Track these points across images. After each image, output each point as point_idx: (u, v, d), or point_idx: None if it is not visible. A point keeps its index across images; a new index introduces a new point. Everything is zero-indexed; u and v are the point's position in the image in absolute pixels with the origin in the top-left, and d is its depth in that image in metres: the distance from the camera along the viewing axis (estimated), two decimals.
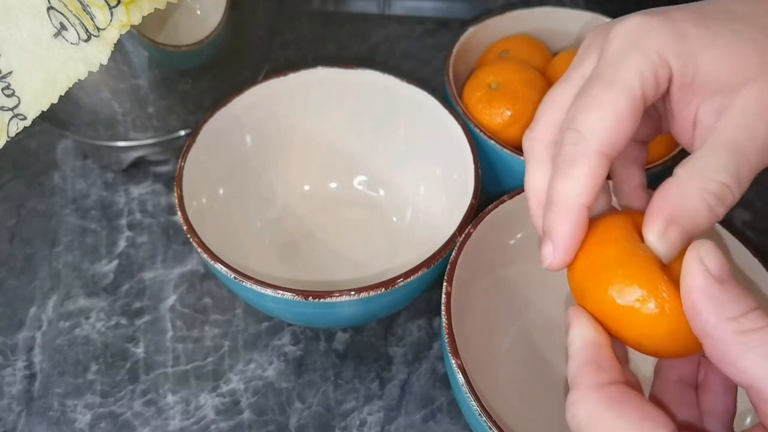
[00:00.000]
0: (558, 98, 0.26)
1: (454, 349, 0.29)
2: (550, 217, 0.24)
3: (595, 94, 0.23)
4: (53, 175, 0.47)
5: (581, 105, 0.24)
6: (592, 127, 0.23)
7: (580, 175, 0.23)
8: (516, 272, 0.37)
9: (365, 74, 0.41)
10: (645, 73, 0.23)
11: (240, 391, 0.36)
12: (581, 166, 0.23)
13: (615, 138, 0.23)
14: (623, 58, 0.23)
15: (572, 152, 0.23)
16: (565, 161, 0.24)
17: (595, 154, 0.23)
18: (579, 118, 0.23)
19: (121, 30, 0.31)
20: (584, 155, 0.23)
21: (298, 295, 0.30)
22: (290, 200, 0.43)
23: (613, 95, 0.23)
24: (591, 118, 0.23)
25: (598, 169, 0.23)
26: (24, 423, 0.35)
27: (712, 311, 0.20)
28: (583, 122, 0.23)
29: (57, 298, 0.40)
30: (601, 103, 0.23)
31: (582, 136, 0.23)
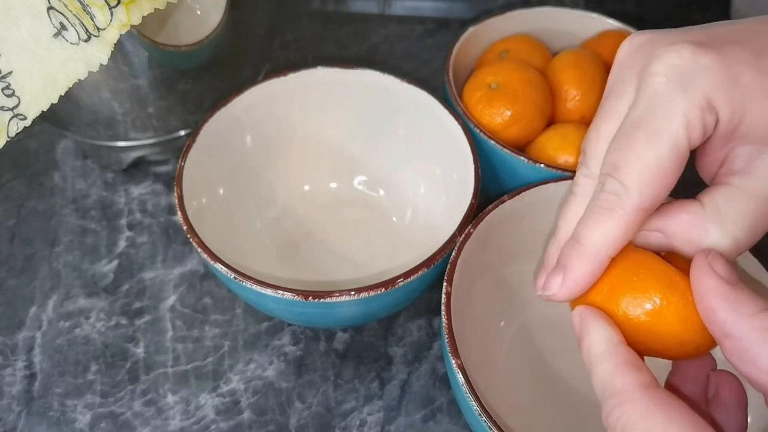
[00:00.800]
0: (607, 132, 0.25)
1: (454, 349, 0.29)
2: (571, 255, 0.24)
3: (639, 144, 0.22)
4: (53, 175, 0.47)
5: (625, 154, 0.23)
6: (635, 181, 0.22)
7: (613, 228, 0.23)
8: (516, 272, 0.37)
9: (365, 74, 0.41)
10: (692, 123, 0.22)
11: (240, 391, 0.36)
12: (617, 219, 0.23)
13: (657, 193, 0.22)
14: (669, 103, 0.22)
15: (612, 203, 0.23)
16: (602, 209, 0.23)
17: (633, 210, 0.23)
18: (623, 168, 0.23)
19: (121, 30, 0.31)
20: (622, 209, 0.23)
21: (298, 295, 0.30)
22: (290, 200, 0.43)
23: (658, 148, 0.22)
24: (635, 171, 0.22)
25: (633, 226, 0.23)
26: (24, 423, 0.35)
27: (729, 310, 0.20)
28: (627, 175, 0.22)
29: (57, 298, 0.40)
30: (645, 156, 0.22)
31: (625, 189, 0.22)
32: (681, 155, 0.22)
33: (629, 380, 0.21)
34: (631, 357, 0.22)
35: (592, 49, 0.45)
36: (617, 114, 0.25)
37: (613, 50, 0.44)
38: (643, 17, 0.57)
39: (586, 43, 0.47)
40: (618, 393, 0.21)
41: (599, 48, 0.45)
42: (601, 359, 0.22)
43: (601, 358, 0.22)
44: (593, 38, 0.47)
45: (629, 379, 0.21)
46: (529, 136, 0.41)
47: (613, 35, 0.46)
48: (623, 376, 0.21)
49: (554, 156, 0.39)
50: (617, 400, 0.21)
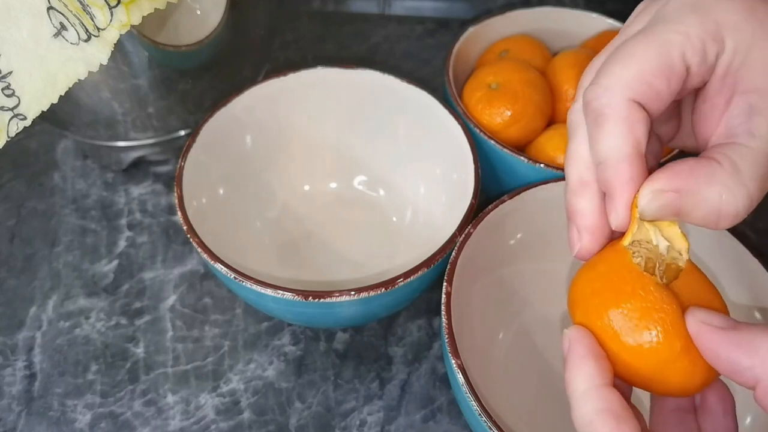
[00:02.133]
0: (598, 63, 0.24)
1: (454, 349, 0.29)
2: (605, 174, 0.22)
3: (626, 48, 0.21)
4: (53, 175, 0.47)
5: (610, 60, 0.22)
6: (615, 78, 0.21)
7: (612, 128, 0.21)
8: (516, 272, 0.37)
9: (365, 74, 0.41)
10: (693, 39, 0.20)
11: (240, 391, 0.36)
12: (610, 119, 0.21)
13: (641, 90, 0.21)
14: (675, 16, 0.21)
15: (597, 107, 0.22)
16: (595, 120, 0.22)
17: (621, 102, 0.21)
18: (602, 72, 0.22)
19: (121, 30, 0.31)
20: (610, 107, 0.21)
21: (298, 295, 0.30)
22: (290, 200, 0.43)
23: (644, 48, 0.21)
24: (616, 70, 0.21)
25: (630, 117, 0.21)
26: (24, 423, 0.35)
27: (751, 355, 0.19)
28: (607, 75, 0.21)
29: (57, 298, 0.40)
30: (630, 56, 0.21)
31: (604, 87, 0.21)
32: (671, 65, 0.21)
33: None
34: (613, 404, 0.20)
35: (592, 49, 0.45)
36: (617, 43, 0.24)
37: None
38: None
39: (586, 43, 0.47)
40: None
41: (599, 48, 0.44)
42: (581, 399, 0.21)
43: (581, 398, 0.21)
44: (593, 38, 0.47)
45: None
46: (529, 136, 0.41)
47: (612, 35, 0.45)
48: (603, 427, 0.20)
49: (554, 156, 0.39)
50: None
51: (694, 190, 0.21)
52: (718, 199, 0.21)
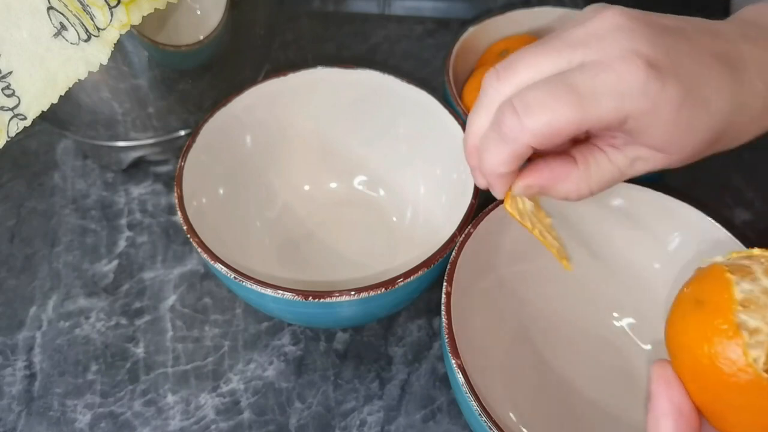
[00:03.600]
0: (535, 65, 0.26)
1: (454, 349, 0.29)
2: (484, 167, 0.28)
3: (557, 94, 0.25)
4: (53, 175, 0.47)
5: (541, 96, 0.25)
6: (536, 126, 0.25)
7: (505, 155, 0.27)
8: (516, 272, 0.37)
9: (365, 74, 0.41)
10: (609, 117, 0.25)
11: (240, 391, 0.36)
12: (510, 149, 0.26)
13: (547, 142, 0.26)
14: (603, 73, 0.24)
15: (509, 135, 0.26)
16: (500, 137, 0.26)
17: (522, 146, 0.26)
18: (532, 108, 0.25)
19: (121, 30, 0.31)
20: (515, 143, 0.26)
21: (298, 295, 0.30)
22: (290, 200, 0.43)
23: (571, 113, 0.24)
24: (540, 119, 0.25)
25: (522, 156, 0.27)
26: (24, 423, 0.35)
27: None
28: (532, 115, 0.25)
29: (57, 298, 0.40)
30: (554, 110, 0.25)
31: (523, 128, 0.25)
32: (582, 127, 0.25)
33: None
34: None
35: None
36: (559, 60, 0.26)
37: None
38: None
39: None
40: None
41: None
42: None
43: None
44: None
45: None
46: None
47: None
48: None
49: None
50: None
51: (552, 186, 0.29)
52: (567, 192, 0.29)
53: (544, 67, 0.26)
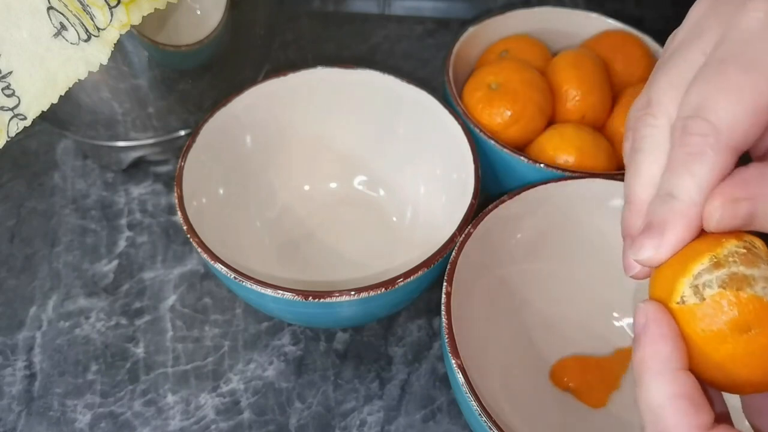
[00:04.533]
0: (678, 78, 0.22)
1: (454, 349, 0.29)
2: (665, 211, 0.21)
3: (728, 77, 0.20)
4: (53, 175, 0.47)
5: (712, 89, 0.20)
6: (725, 117, 0.20)
7: (706, 172, 0.20)
8: (516, 272, 0.37)
9: (365, 74, 0.41)
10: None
11: (240, 391, 0.36)
12: (709, 161, 0.20)
13: (750, 131, 0.20)
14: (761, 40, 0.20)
15: (700, 145, 0.20)
16: (690, 154, 0.20)
17: (725, 149, 0.20)
18: (709, 105, 0.20)
19: (121, 30, 0.31)
20: (713, 149, 0.20)
21: (298, 295, 0.30)
22: (290, 200, 0.43)
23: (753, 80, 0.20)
24: (724, 105, 0.20)
25: (727, 166, 0.20)
26: (24, 423, 0.35)
27: None
28: (714, 110, 0.20)
29: (57, 298, 0.40)
30: (737, 88, 0.20)
31: (713, 127, 0.20)
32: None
33: (685, 420, 0.19)
34: (690, 389, 0.19)
35: (592, 49, 0.45)
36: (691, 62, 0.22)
37: (613, 50, 0.45)
38: (643, 17, 0.57)
39: (586, 43, 0.47)
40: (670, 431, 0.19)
41: (599, 48, 0.45)
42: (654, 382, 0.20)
43: (654, 381, 0.20)
44: (593, 38, 0.47)
45: (686, 420, 0.19)
46: (529, 136, 0.41)
47: (613, 35, 0.46)
48: (677, 414, 0.19)
49: (554, 156, 0.39)
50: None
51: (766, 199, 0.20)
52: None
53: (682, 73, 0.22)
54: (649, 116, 0.23)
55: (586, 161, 0.38)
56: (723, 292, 0.20)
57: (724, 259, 0.20)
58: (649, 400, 0.20)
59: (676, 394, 0.19)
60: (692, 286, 0.21)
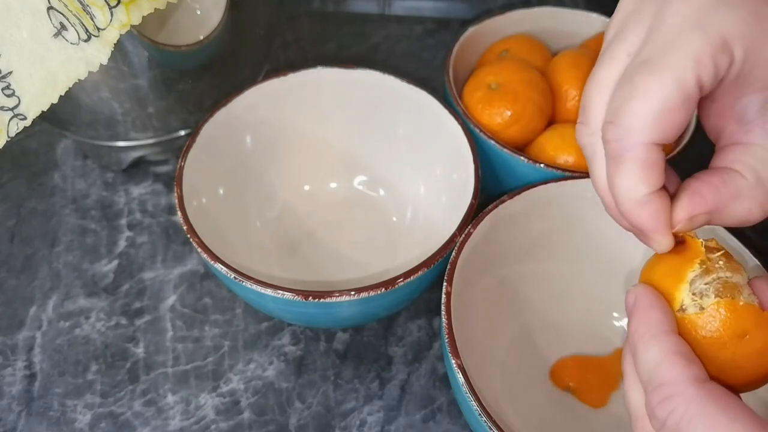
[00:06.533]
0: (603, 83, 0.23)
1: (454, 349, 0.29)
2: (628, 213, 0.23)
3: (639, 81, 0.21)
4: (53, 175, 0.47)
5: (624, 94, 0.22)
6: (635, 120, 0.21)
7: (629, 171, 0.22)
8: (516, 272, 0.37)
9: (365, 74, 0.41)
10: (704, 60, 0.20)
11: (240, 391, 0.36)
12: (628, 162, 0.22)
13: (662, 128, 0.21)
14: (679, 38, 0.21)
15: (617, 149, 0.22)
16: (613, 158, 0.22)
17: (639, 146, 0.21)
18: (622, 109, 0.22)
19: (121, 30, 0.31)
20: (629, 150, 0.22)
21: (298, 295, 0.30)
22: (290, 200, 0.43)
23: (661, 83, 0.21)
24: (634, 108, 0.21)
25: (648, 159, 0.22)
26: (24, 423, 0.35)
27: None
28: (625, 113, 0.21)
29: (57, 298, 0.40)
30: (645, 91, 0.21)
31: (624, 129, 0.21)
32: (688, 94, 0.21)
33: (680, 372, 0.20)
34: (681, 347, 0.21)
35: (592, 49, 0.45)
36: (617, 63, 0.23)
37: None
38: None
39: (586, 43, 0.47)
40: (668, 384, 0.20)
41: (599, 48, 0.44)
42: (647, 345, 0.21)
43: (648, 344, 0.21)
44: (593, 38, 0.47)
45: (680, 371, 0.20)
46: (529, 136, 0.41)
47: None
48: (673, 367, 0.20)
49: (554, 156, 0.39)
50: (667, 391, 0.20)
51: (722, 209, 0.22)
52: (746, 211, 0.22)
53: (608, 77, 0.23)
54: (582, 125, 0.25)
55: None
56: (720, 301, 0.22)
57: (711, 265, 0.22)
58: (646, 362, 0.21)
59: (669, 350, 0.21)
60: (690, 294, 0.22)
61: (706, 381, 0.20)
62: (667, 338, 0.21)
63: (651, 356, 0.21)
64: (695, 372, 0.20)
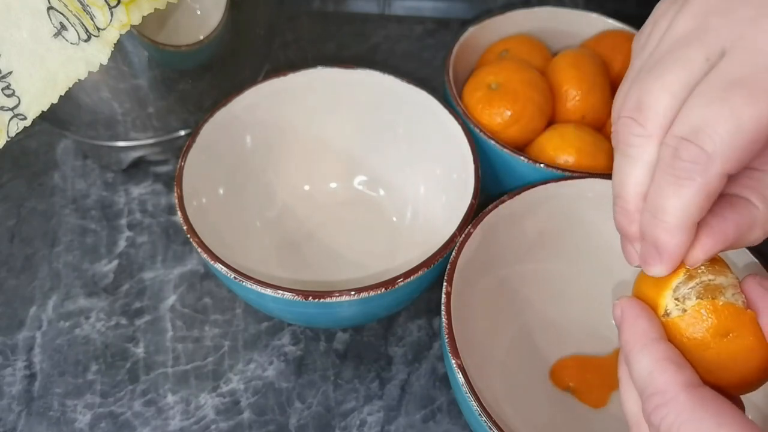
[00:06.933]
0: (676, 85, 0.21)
1: (454, 349, 0.29)
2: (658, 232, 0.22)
3: (734, 104, 0.19)
4: (53, 175, 0.47)
5: (713, 113, 0.20)
6: (721, 146, 0.19)
7: (693, 196, 0.20)
8: (516, 272, 0.37)
9: (365, 74, 0.41)
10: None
11: (240, 391, 0.36)
12: (695, 187, 0.20)
13: (744, 160, 0.20)
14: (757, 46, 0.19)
15: (689, 171, 0.20)
16: (679, 178, 0.21)
17: (715, 176, 0.20)
18: (707, 130, 0.20)
19: (121, 30, 0.31)
20: (702, 177, 0.20)
21: (298, 295, 0.30)
22: (290, 200, 0.43)
23: (758, 112, 0.19)
24: (722, 134, 0.19)
25: (714, 190, 0.20)
26: (24, 423, 0.35)
27: None
28: (711, 138, 0.20)
29: (57, 298, 0.40)
30: (741, 118, 0.19)
31: (707, 156, 0.20)
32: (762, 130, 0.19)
33: (671, 379, 0.20)
34: (671, 353, 0.21)
35: (592, 49, 0.45)
36: (691, 68, 0.21)
37: (613, 50, 0.45)
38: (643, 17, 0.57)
39: (586, 43, 0.47)
40: (660, 392, 0.20)
41: (599, 48, 0.45)
42: (639, 355, 0.22)
43: (639, 354, 0.22)
44: (593, 38, 0.47)
45: (671, 378, 0.20)
46: (529, 136, 0.41)
47: (613, 35, 0.46)
48: (664, 374, 0.21)
49: (554, 156, 0.39)
50: (660, 399, 0.20)
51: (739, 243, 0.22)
52: (757, 239, 0.22)
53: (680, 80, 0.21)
54: (637, 125, 0.22)
55: (586, 161, 0.38)
56: (701, 302, 0.22)
57: (694, 271, 0.23)
58: (639, 371, 0.21)
59: (659, 358, 0.21)
60: (674, 299, 0.23)
61: (699, 386, 0.20)
62: (656, 346, 0.22)
63: (643, 365, 0.21)
64: (687, 377, 0.20)
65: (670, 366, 0.21)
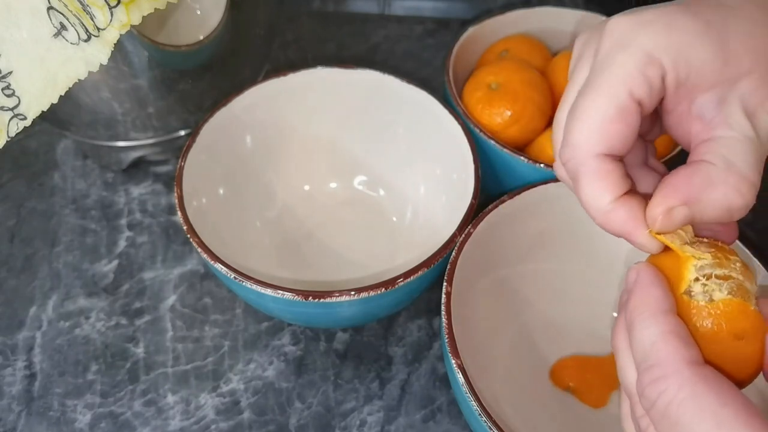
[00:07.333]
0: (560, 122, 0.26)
1: (454, 349, 0.29)
2: (604, 227, 0.24)
3: (579, 104, 0.23)
4: (53, 175, 0.47)
5: (570, 119, 0.24)
6: (580, 136, 0.23)
7: (587, 183, 0.23)
8: (516, 272, 0.37)
9: (365, 74, 0.41)
10: (632, 74, 0.22)
11: (240, 391, 0.36)
12: (583, 175, 0.23)
13: (605, 139, 0.23)
14: (609, 60, 0.23)
15: (572, 168, 0.24)
16: (573, 178, 0.24)
17: (589, 159, 0.23)
18: (568, 131, 0.24)
19: (121, 30, 0.31)
20: (581, 164, 0.23)
21: (298, 295, 0.30)
22: (290, 200, 0.43)
23: (597, 102, 0.23)
24: (577, 127, 0.23)
25: (601, 169, 0.23)
26: (24, 423, 0.35)
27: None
28: (571, 133, 0.23)
29: (57, 298, 0.40)
30: (584, 110, 0.23)
31: (573, 147, 0.23)
32: (623, 106, 0.22)
33: (676, 353, 0.20)
34: (679, 328, 0.21)
35: None
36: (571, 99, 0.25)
37: None
38: None
39: None
40: (661, 364, 0.20)
41: None
42: (645, 323, 0.21)
43: (645, 322, 0.21)
44: None
45: (676, 352, 0.20)
46: (529, 136, 0.41)
47: None
48: (668, 347, 0.20)
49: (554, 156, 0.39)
50: (659, 371, 0.20)
51: (698, 199, 0.22)
52: (723, 198, 0.22)
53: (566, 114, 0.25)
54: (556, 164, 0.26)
55: None
56: (733, 300, 0.21)
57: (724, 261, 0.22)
58: (642, 340, 0.21)
59: (666, 330, 0.20)
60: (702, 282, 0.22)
61: (702, 364, 0.20)
62: (666, 318, 0.21)
63: (647, 334, 0.21)
64: (692, 354, 0.20)
65: (676, 340, 0.20)
